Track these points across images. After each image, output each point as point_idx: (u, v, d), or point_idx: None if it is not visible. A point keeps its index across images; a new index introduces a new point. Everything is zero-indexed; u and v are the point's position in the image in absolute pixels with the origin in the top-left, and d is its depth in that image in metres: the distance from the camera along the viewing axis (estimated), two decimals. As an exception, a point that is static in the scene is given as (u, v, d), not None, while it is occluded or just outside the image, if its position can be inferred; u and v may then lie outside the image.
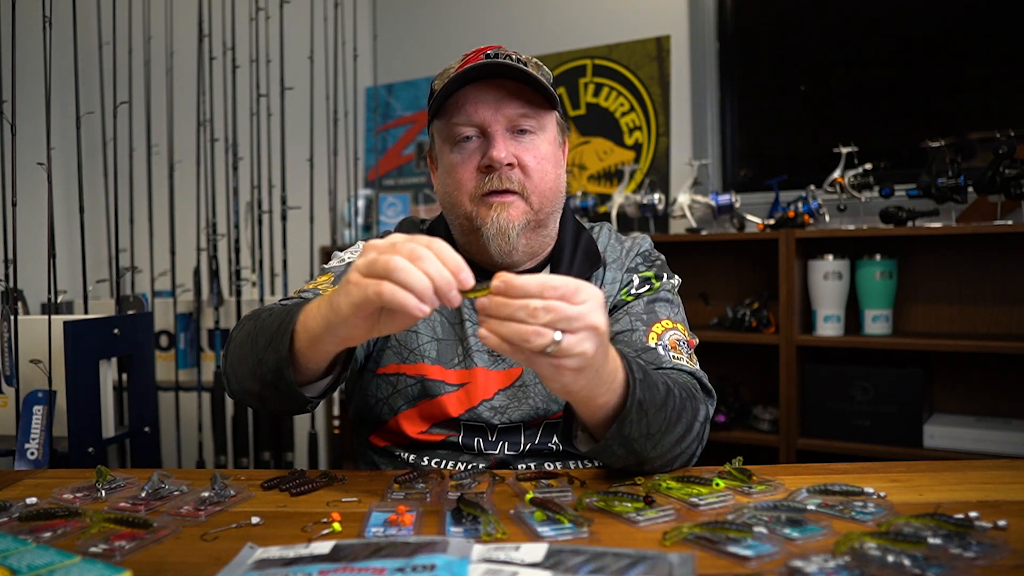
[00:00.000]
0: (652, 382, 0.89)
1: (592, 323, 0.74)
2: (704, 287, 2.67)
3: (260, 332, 0.97)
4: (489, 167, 1.09)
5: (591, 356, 0.76)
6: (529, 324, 0.72)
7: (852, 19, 2.61)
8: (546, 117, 1.13)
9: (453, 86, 1.08)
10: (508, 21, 3.10)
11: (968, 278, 2.33)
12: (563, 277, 0.74)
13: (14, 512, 0.86)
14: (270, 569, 0.67)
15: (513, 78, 1.08)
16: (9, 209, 1.59)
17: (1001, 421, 2.21)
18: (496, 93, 1.09)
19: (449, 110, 1.12)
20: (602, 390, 0.83)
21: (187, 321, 2.34)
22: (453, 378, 1.13)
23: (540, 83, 1.08)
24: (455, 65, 1.12)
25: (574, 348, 0.74)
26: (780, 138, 2.79)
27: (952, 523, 0.73)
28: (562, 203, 1.19)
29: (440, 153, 1.16)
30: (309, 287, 1.16)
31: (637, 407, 0.85)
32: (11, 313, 1.56)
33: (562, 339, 0.73)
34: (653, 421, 0.88)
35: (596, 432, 0.90)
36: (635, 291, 1.16)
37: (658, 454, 0.92)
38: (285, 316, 0.93)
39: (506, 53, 1.10)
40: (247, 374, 0.98)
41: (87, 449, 1.54)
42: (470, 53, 1.13)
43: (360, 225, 3.12)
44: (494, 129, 1.09)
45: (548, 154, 1.13)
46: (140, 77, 2.38)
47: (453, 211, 1.15)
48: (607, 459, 0.91)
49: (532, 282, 0.73)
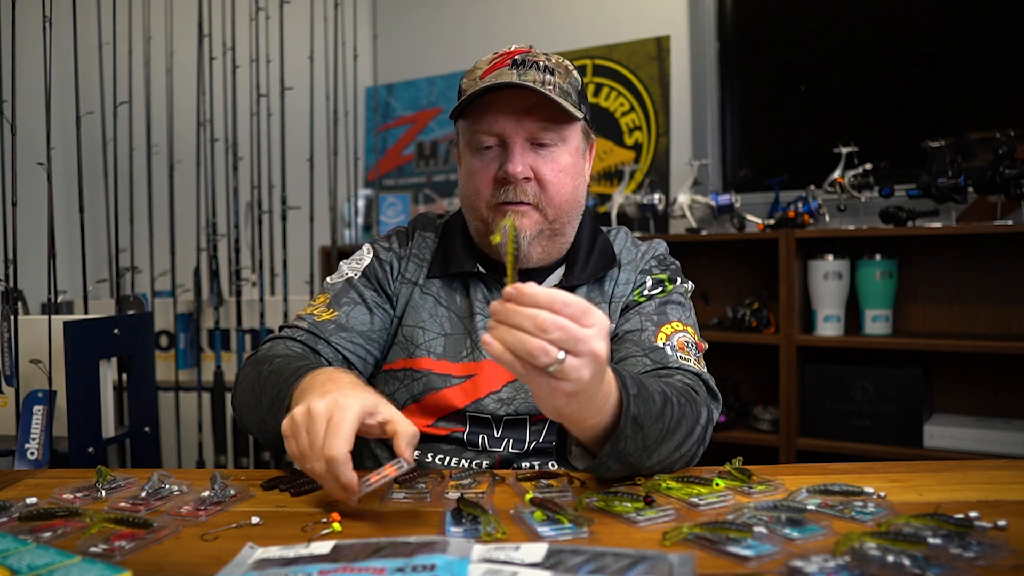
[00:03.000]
0: (648, 395, 0.87)
1: (595, 349, 0.73)
2: (704, 287, 2.66)
3: (263, 391, 1.00)
4: (505, 179, 1.10)
5: (587, 382, 0.74)
6: (536, 338, 0.71)
7: (852, 19, 2.61)
8: (568, 129, 1.13)
9: (475, 95, 1.09)
10: (508, 21, 3.10)
11: (968, 278, 2.32)
12: (575, 296, 0.73)
13: (14, 512, 0.86)
14: (270, 569, 0.67)
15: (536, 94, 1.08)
16: (9, 209, 1.59)
17: (1001, 421, 2.21)
18: (519, 103, 1.09)
19: (472, 114, 1.12)
20: (591, 413, 0.82)
21: (187, 321, 2.34)
22: (459, 371, 1.14)
23: (561, 102, 1.08)
24: (483, 67, 1.12)
25: (573, 372, 0.72)
26: (780, 138, 2.79)
27: (952, 523, 0.73)
28: (580, 211, 1.20)
29: (463, 154, 1.18)
30: (307, 312, 1.19)
31: (632, 423, 0.84)
32: (11, 313, 1.56)
33: (565, 359, 0.71)
34: (649, 433, 0.87)
35: (591, 447, 0.90)
36: (648, 292, 1.17)
37: (656, 461, 0.92)
38: (283, 383, 0.96)
39: (533, 60, 1.10)
40: (254, 426, 1.02)
41: (87, 449, 1.54)
42: (499, 55, 1.12)
43: (360, 225, 3.12)
44: (513, 141, 1.10)
45: (567, 166, 1.13)
46: (140, 77, 2.38)
47: (471, 212, 1.18)
48: (604, 474, 0.91)
49: (543, 294, 0.72)
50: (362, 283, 1.21)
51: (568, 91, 1.11)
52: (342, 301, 1.19)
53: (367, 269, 1.22)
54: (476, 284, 1.19)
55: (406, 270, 1.23)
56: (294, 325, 1.18)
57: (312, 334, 1.15)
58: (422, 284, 1.21)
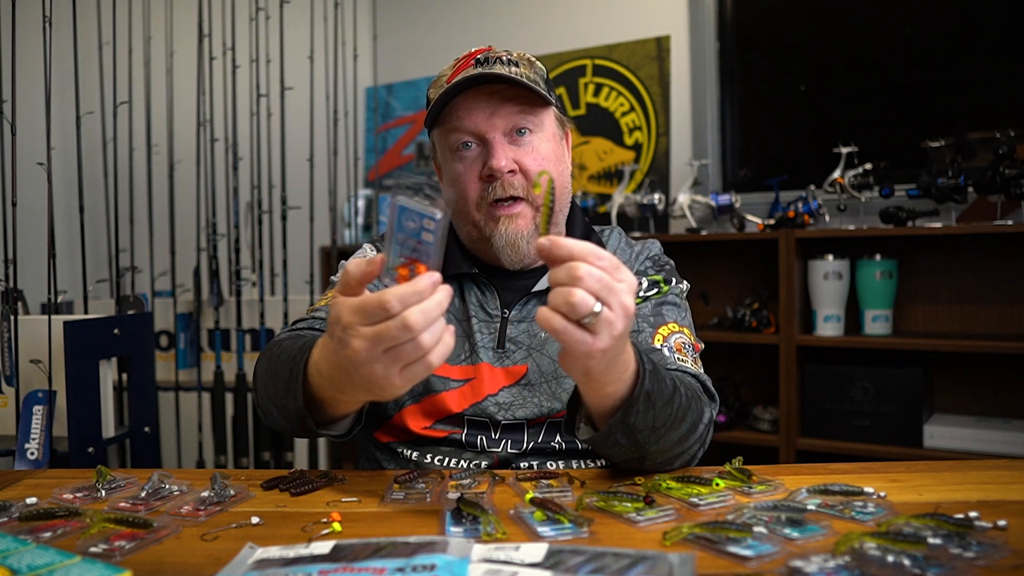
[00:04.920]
0: (661, 376, 0.90)
1: (626, 303, 0.75)
2: (704, 287, 2.66)
3: (278, 376, 0.98)
4: (491, 176, 1.10)
5: (618, 336, 0.76)
6: (576, 288, 0.73)
7: (852, 19, 2.61)
8: (542, 114, 1.14)
9: (445, 97, 1.09)
10: (508, 21, 3.10)
11: (968, 278, 2.33)
12: (605, 251, 0.76)
13: (14, 512, 0.85)
14: (270, 569, 0.67)
15: (504, 82, 1.09)
16: (9, 209, 1.59)
17: (1001, 421, 2.21)
18: (489, 99, 1.09)
19: (445, 119, 1.12)
20: (614, 377, 0.83)
21: (187, 321, 2.34)
22: (458, 374, 1.14)
23: (532, 86, 1.08)
24: (448, 73, 1.13)
25: (607, 325, 0.74)
26: (780, 138, 2.79)
27: (952, 523, 0.73)
28: (568, 198, 1.20)
29: (443, 161, 1.17)
30: (311, 310, 1.18)
31: (645, 398, 0.86)
32: (11, 313, 1.56)
33: (601, 311, 0.73)
34: (659, 415, 0.88)
35: (601, 423, 0.91)
36: (643, 293, 1.17)
37: (660, 449, 0.93)
38: (295, 360, 0.94)
39: (496, 56, 1.10)
40: (276, 415, 1.00)
41: (87, 449, 1.54)
42: (461, 58, 1.13)
43: (360, 225, 3.12)
44: (492, 136, 1.10)
45: (549, 153, 1.13)
46: (140, 77, 2.38)
47: (462, 219, 1.17)
48: (610, 449, 0.91)
49: (577, 246, 0.74)
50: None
51: (535, 80, 1.11)
52: None
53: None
54: (470, 287, 1.19)
55: None
56: (301, 319, 1.17)
57: (317, 330, 1.14)
58: None
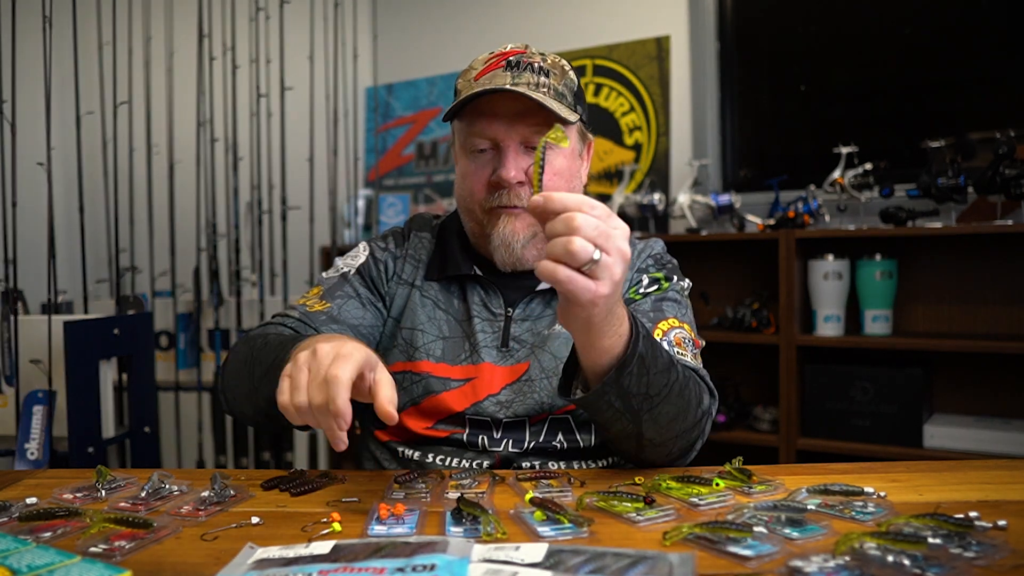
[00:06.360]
0: (655, 343, 0.91)
1: (622, 247, 0.79)
2: (704, 287, 2.66)
3: (256, 361, 0.98)
4: (499, 183, 1.10)
5: (618, 281, 0.79)
6: (575, 236, 0.75)
7: (852, 19, 2.61)
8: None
9: (470, 98, 1.08)
10: (508, 21, 3.10)
11: (968, 278, 2.32)
12: (597, 201, 0.79)
13: (14, 512, 0.86)
14: (270, 569, 0.67)
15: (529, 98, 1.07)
16: (9, 209, 1.59)
17: (1001, 421, 2.21)
18: (513, 107, 1.09)
19: (467, 116, 1.12)
20: (612, 329, 0.85)
21: (187, 321, 2.34)
22: (458, 374, 1.14)
23: (556, 111, 1.07)
24: (478, 68, 1.11)
25: (607, 269, 0.77)
26: (780, 138, 2.79)
27: (952, 523, 0.73)
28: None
29: (458, 154, 1.17)
30: (300, 302, 1.19)
31: (639, 360, 0.87)
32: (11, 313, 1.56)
33: (600, 257, 0.76)
34: (653, 382, 0.89)
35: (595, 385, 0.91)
36: (644, 290, 1.17)
37: (655, 425, 0.93)
38: (279, 349, 0.95)
39: (528, 61, 1.09)
40: (243, 398, 1.01)
41: (87, 449, 1.54)
42: (494, 55, 1.12)
43: (360, 225, 3.12)
44: (506, 145, 1.10)
45: (562, 168, 1.13)
46: (140, 77, 2.38)
47: (466, 214, 1.18)
48: (604, 413, 0.91)
49: (570, 197, 0.78)
50: (356, 279, 1.21)
51: (563, 92, 1.11)
52: (336, 294, 1.18)
53: (362, 267, 1.22)
54: (473, 287, 1.19)
55: (402, 271, 1.22)
56: (285, 313, 1.17)
57: (303, 323, 1.14)
58: (420, 286, 1.21)
